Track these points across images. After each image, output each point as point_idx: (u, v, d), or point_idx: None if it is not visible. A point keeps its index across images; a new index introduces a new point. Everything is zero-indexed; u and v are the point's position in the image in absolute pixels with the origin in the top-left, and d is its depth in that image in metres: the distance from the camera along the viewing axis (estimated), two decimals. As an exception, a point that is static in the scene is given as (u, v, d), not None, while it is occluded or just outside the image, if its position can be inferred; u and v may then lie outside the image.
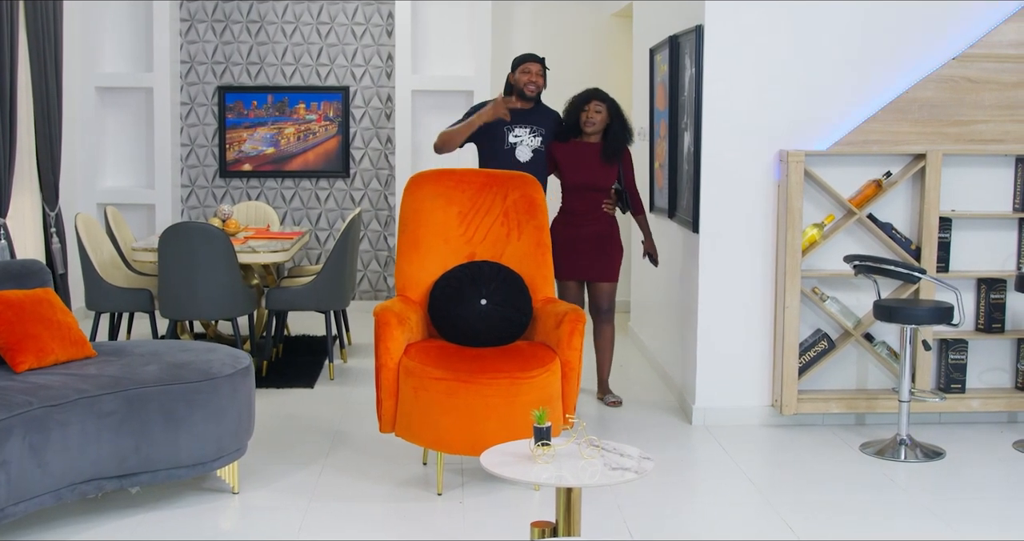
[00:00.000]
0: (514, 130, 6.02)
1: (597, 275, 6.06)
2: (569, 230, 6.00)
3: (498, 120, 5.95)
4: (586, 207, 6.01)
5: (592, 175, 6.00)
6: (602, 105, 5.97)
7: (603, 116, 5.97)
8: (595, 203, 6.01)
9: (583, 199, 6.00)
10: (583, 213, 6.01)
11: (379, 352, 4.73)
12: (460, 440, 4.53)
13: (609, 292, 6.10)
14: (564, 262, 5.94)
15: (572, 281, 6.06)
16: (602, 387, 6.25)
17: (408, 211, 5.16)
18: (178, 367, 4.54)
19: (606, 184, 6.04)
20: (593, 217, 6.01)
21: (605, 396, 6.20)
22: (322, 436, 5.56)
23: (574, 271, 6.02)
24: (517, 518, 4.39)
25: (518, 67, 6.08)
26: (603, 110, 5.96)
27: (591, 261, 6.01)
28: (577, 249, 5.98)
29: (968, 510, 4.62)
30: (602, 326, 6.16)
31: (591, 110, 5.96)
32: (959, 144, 5.73)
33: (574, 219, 6.01)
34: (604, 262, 6.05)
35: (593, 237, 6.01)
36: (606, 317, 6.13)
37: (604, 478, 3.39)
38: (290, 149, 9.07)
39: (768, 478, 5.04)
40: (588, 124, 5.97)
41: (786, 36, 5.66)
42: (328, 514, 4.51)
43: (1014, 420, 5.90)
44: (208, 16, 8.94)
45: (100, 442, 4.23)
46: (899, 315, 5.28)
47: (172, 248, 6.22)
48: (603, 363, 6.23)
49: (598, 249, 6.02)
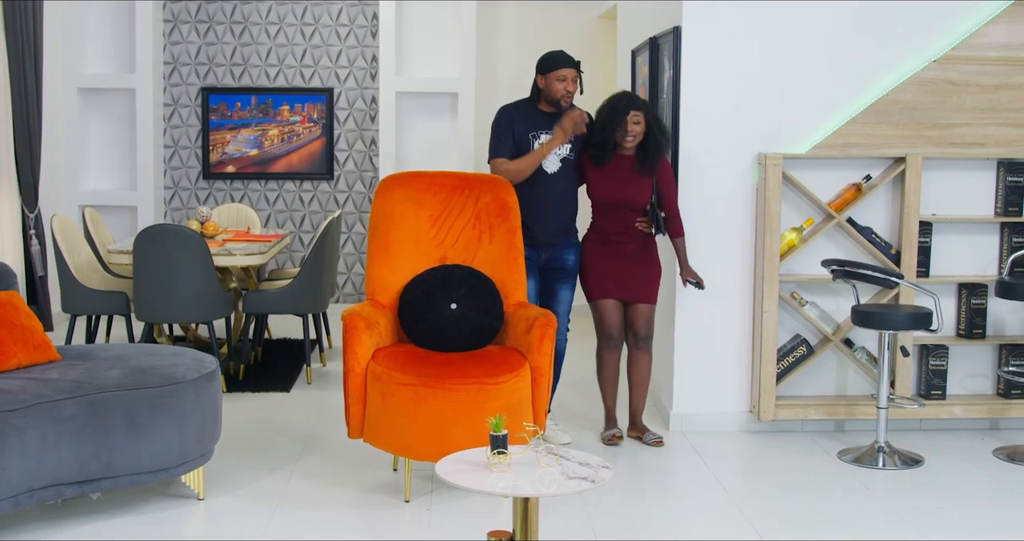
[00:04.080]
0: (540, 138, 5.33)
1: (634, 295, 5.40)
2: (601, 247, 5.41)
3: (525, 127, 5.34)
4: (619, 226, 5.38)
5: (624, 191, 5.33)
6: (640, 115, 5.26)
7: (643, 126, 5.26)
8: (629, 222, 5.37)
9: (614, 218, 5.38)
10: (616, 232, 5.39)
11: (346, 357, 4.67)
12: (427, 446, 4.46)
13: (647, 316, 5.44)
14: (596, 280, 5.41)
15: (609, 300, 5.40)
16: (637, 424, 5.56)
17: (378, 214, 5.10)
18: (142, 372, 4.47)
19: (639, 201, 5.34)
20: (628, 236, 5.40)
21: (644, 435, 5.50)
22: (293, 441, 5.50)
23: (608, 289, 5.40)
24: (483, 526, 4.32)
25: (550, 72, 5.31)
26: (641, 120, 5.26)
27: (628, 280, 5.39)
28: (612, 266, 5.39)
29: (941, 518, 4.56)
30: (639, 355, 5.49)
31: (629, 123, 5.24)
32: (940, 147, 5.67)
33: (607, 237, 5.41)
34: (641, 282, 5.41)
35: (630, 254, 5.40)
36: (644, 345, 5.47)
37: (560, 487, 3.33)
38: (274, 151, 9.01)
39: (742, 485, 4.97)
40: (629, 138, 5.26)
41: (765, 38, 5.60)
42: (293, 520, 4.45)
43: (995, 427, 5.83)
44: (192, 17, 8.89)
45: (60, 447, 4.17)
46: (876, 320, 5.21)
47: (147, 250, 6.16)
48: (638, 397, 5.55)
49: (636, 267, 5.40)
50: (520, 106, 5.46)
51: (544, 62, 5.38)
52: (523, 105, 5.46)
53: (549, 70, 5.32)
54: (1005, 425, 5.82)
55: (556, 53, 5.39)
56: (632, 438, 5.56)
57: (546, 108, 5.38)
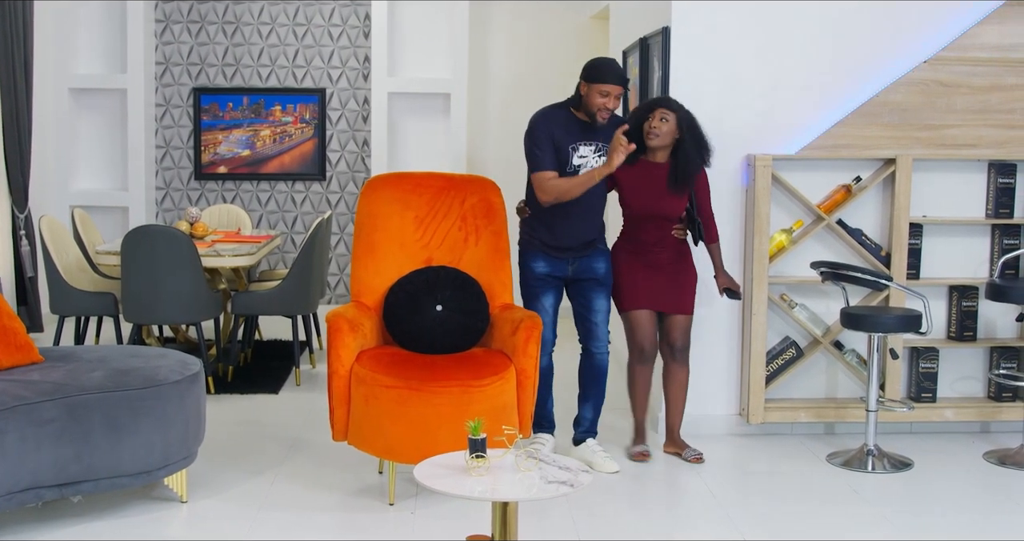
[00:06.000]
0: (579, 149, 4.99)
1: (670, 306, 5.20)
2: (634, 256, 5.20)
3: (564, 137, 4.98)
4: (653, 237, 5.17)
5: (657, 203, 5.10)
6: (669, 114, 5.03)
7: (670, 127, 5.02)
8: (663, 232, 5.17)
9: (648, 229, 5.16)
10: (651, 242, 5.18)
11: (330, 359, 4.64)
12: (411, 449, 4.43)
13: (684, 327, 5.23)
14: (629, 290, 5.18)
15: (643, 311, 5.18)
16: (674, 439, 5.35)
17: (364, 215, 5.07)
18: (124, 374, 4.44)
19: (674, 213, 5.13)
20: (663, 245, 5.19)
21: (684, 451, 5.29)
22: (280, 443, 5.47)
23: (641, 299, 5.17)
24: (467, 529, 4.28)
25: (596, 83, 4.87)
26: (670, 119, 5.02)
27: (663, 289, 5.18)
28: (645, 275, 5.18)
29: (929, 523, 4.53)
30: (675, 368, 5.29)
31: (655, 118, 5.03)
32: (930, 148, 5.64)
33: (639, 247, 5.19)
34: (677, 292, 5.20)
35: (664, 263, 5.19)
36: (680, 357, 5.27)
37: (538, 492, 3.30)
38: (266, 151, 8.98)
39: (730, 489, 4.94)
40: (651, 135, 5.03)
41: (755, 38, 5.57)
42: (275, 523, 4.42)
43: (986, 430, 5.80)
44: (183, 17, 8.86)
45: (39, 450, 4.14)
46: (866, 323, 5.18)
47: (134, 251, 6.12)
48: (675, 413, 5.35)
49: (671, 276, 5.19)
50: (558, 114, 5.05)
51: (592, 70, 4.93)
52: (561, 113, 5.05)
53: (595, 81, 4.88)
54: (996, 428, 5.79)
55: (607, 64, 4.97)
56: (670, 454, 5.35)
57: (583, 116, 4.99)
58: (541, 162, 4.98)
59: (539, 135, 4.99)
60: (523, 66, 9.12)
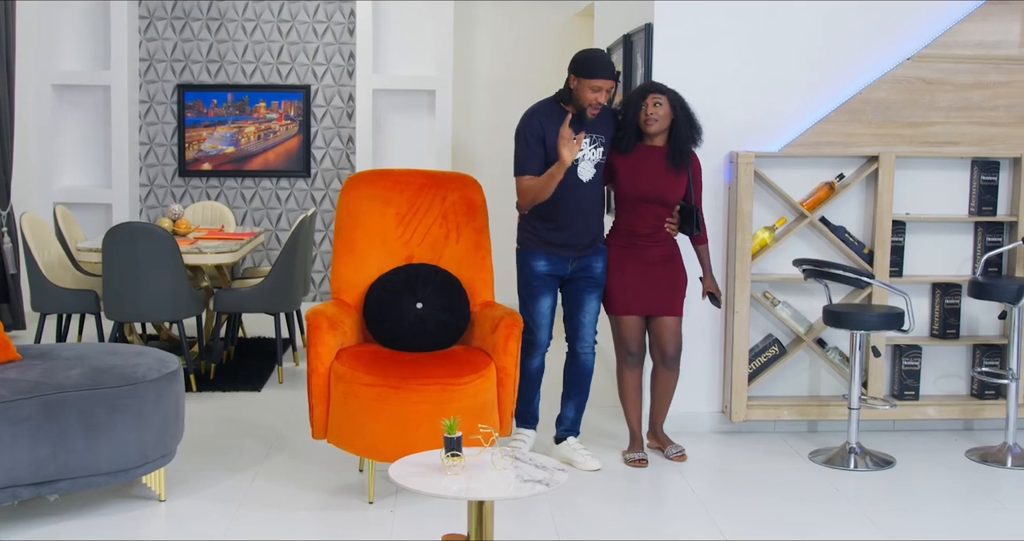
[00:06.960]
0: None
1: (659, 308, 5.11)
2: (627, 254, 5.10)
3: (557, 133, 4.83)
4: (648, 227, 5.08)
5: (655, 184, 5.02)
6: (661, 97, 4.98)
7: (665, 110, 4.97)
8: (658, 221, 5.08)
9: (644, 216, 5.06)
10: (645, 234, 5.08)
11: (310, 357, 4.62)
12: (390, 447, 4.40)
13: (675, 330, 5.15)
14: (618, 292, 5.11)
15: (632, 317, 5.14)
16: (658, 436, 5.33)
17: (344, 213, 5.04)
18: (101, 371, 4.41)
19: (673, 197, 5.06)
20: (656, 238, 5.10)
21: (667, 448, 5.27)
22: (260, 441, 5.44)
23: (634, 304, 5.11)
24: (447, 528, 4.25)
25: (587, 78, 4.81)
26: (663, 102, 4.96)
27: (653, 291, 5.10)
28: (636, 273, 5.09)
29: (910, 521, 4.52)
30: (666, 373, 5.23)
31: (649, 104, 4.97)
32: (913, 146, 5.63)
33: (633, 240, 5.09)
34: (666, 292, 5.12)
35: (657, 262, 5.10)
36: (672, 363, 5.19)
37: (514, 491, 3.28)
38: (250, 148, 8.94)
39: (711, 487, 4.92)
40: (650, 122, 4.97)
41: (737, 35, 5.56)
42: (254, 522, 4.40)
43: (969, 428, 5.79)
44: (167, 13, 8.81)
45: (15, 449, 4.11)
46: (847, 320, 5.17)
47: (115, 249, 6.09)
48: (659, 413, 5.33)
49: (664, 277, 5.11)
50: (550, 110, 4.97)
51: (582, 65, 4.85)
52: (552, 108, 4.97)
53: (586, 76, 4.81)
54: (979, 426, 5.79)
55: (597, 58, 4.88)
56: (653, 448, 5.34)
57: (572, 110, 4.89)
58: (522, 166, 4.96)
59: (527, 136, 4.94)
60: (508, 62, 9.10)
